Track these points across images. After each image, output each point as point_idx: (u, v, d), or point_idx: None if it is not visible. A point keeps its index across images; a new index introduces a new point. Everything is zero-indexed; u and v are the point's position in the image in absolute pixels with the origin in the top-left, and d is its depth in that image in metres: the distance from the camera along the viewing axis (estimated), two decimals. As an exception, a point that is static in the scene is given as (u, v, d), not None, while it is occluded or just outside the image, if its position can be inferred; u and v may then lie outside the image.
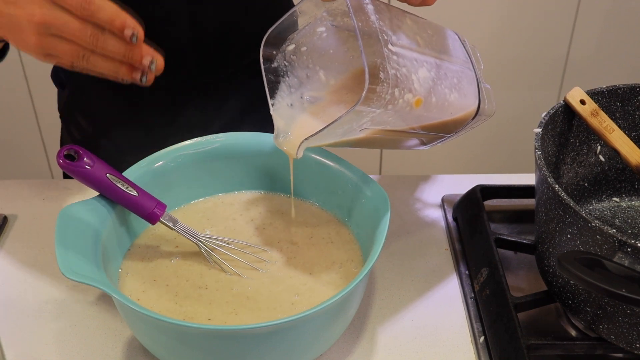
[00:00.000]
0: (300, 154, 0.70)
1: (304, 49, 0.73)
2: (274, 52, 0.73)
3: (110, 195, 0.73)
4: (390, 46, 0.63)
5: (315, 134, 0.65)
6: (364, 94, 0.60)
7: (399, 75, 0.63)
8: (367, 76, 0.60)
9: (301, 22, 0.72)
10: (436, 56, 0.69)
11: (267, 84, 0.73)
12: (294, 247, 0.78)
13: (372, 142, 0.72)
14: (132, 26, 0.64)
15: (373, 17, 0.63)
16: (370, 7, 0.63)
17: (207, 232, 0.80)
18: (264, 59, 0.72)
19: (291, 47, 0.73)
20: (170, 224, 0.74)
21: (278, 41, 0.72)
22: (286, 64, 0.74)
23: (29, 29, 0.65)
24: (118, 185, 0.72)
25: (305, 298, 0.72)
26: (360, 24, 0.61)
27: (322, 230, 0.80)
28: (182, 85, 0.96)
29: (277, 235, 0.79)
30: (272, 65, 0.73)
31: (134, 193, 0.73)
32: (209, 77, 0.96)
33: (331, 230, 0.80)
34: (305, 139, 0.68)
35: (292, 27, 0.72)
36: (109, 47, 0.65)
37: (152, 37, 0.88)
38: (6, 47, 0.79)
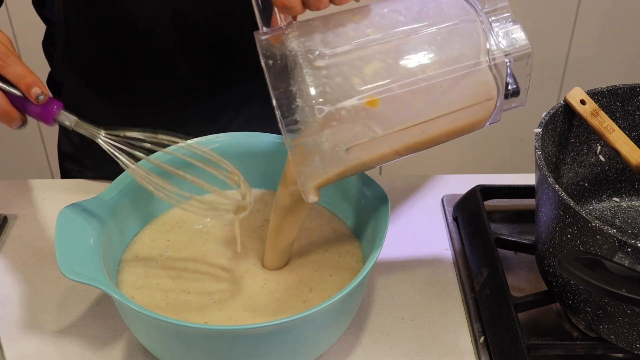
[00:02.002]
0: (314, 198, 0.67)
1: None
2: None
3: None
4: (318, 62, 0.62)
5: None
6: (283, 130, 0.62)
7: (328, 90, 0.61)
8: (278, 116, 0.61)
9: None
10: (401, 35, 0.64)
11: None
12: (294, 246, 0.78)
13: (391, 155, 0.67)
14: (42, 88, 0.66)
15: (294, 44, 0.62)
16: (292, 35, 0.63)
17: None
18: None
19: None
20: (67, 123, 0.69)
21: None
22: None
23: None
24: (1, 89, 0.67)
25: (306, 297, 0.72)
26: (271, 63, 0.62)
27: (323, 229, 0.80)
28: (174, 90, 0.95)
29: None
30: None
31: (17, 92, 0.67)
32: (201, 81, 0.96)
33: (332, 228, 0.80)
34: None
35: None
36: None
37: (140, 42, 0.88)
38: None
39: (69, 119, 0.69)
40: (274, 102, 0.61)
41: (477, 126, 0.69)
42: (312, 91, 0.61)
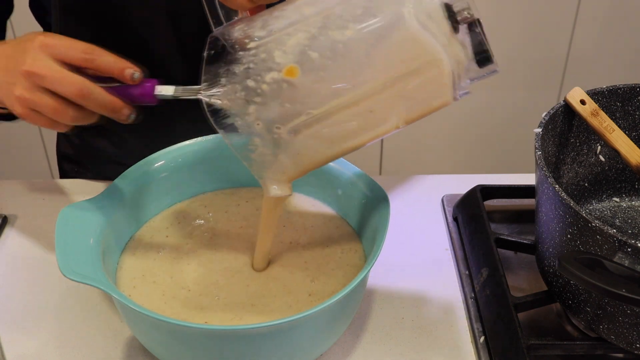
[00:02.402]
0: (276, 191, 0.68)
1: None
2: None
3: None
4: (250, 44, 0.62)
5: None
6: (204, 101, 0.63)
7: (251, 66, 0.61)
8: (205, 108, 0.63)
9: None
10: (331, 6, 0.62)
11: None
12: (295, 244, 0.78)
13: (344, 138, 0.65)
14: (133, 67, 0.66)
15: (236, 34, 0.63)
16: (238, 27, 0.64)
17: (210, 215, 0.80)
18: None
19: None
20: (168, 94, 0.69)
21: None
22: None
23: (17, 79, 0.65)
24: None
25: (307, 297, 0.72)
26: (211, 53, 0.64)
27: (326, 226, 0.80)
28: None
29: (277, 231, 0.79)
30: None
31: (113, 83, 0.68)
32: (196, 83, 0.95)
33: (335, 225, 0.80)
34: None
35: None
36: (94, 97, 0.66)
37: (135, 44, 0.88)
38: None
39: (166, 90, 0.69)
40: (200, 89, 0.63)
41: (438, 99, 0.63)
42: (236, 69, 0.62)
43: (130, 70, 0.66)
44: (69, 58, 0.66)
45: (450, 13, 0.60)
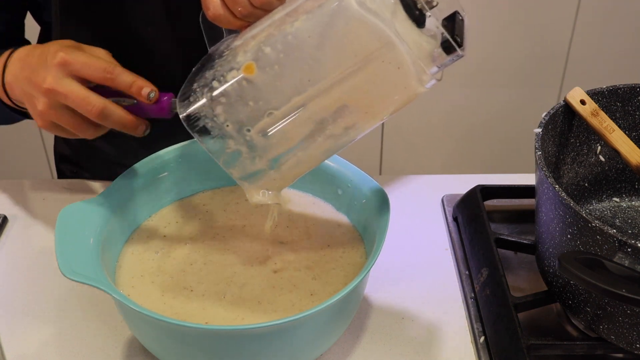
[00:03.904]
0: (258, 198, 0.69)
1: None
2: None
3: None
4: (225, 52, 0.64)
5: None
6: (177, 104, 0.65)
7: (218, 69, 0.63)
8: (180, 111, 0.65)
9: None
10: (295, 6, 0.63)
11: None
12: (296, 243, 0.78)
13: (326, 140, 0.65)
14: (150, 86, 0.69)
15: (222, 46, 0.66)
16: (227, 41, 0.66)
17: (209, 213, 0.80)
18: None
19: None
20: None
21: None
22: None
23: (38, 94, 0.68)
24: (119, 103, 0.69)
25: (309, 296, 0.72)
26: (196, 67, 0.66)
27: (328, 223, 0.80)
28: (168, 91, 0.95)
29: (278, 229, 0.79)
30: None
31: (131, 101, 0.70)
32: None
33: (336, 224, 0.80)
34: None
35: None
36: (113, 118, 0.68)
37: (134, 43, 0.88)
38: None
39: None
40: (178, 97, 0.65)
41: (403, 86, 0.62)
42: (207, 74, 0.64)
43: (147, 90, 0.68)
44: (89, 76, 0.68)
45: (407, 2, 0.60)
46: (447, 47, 0.61)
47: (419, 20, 0.60)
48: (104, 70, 0.68)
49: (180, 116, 0.65)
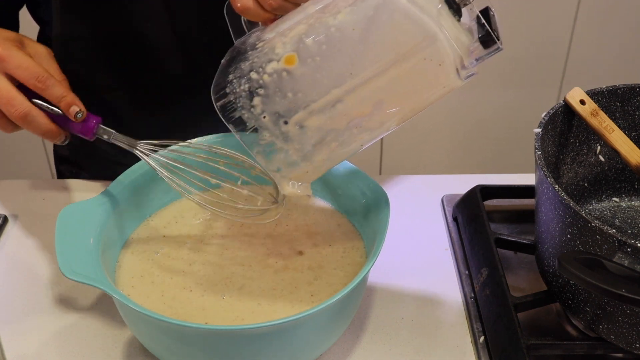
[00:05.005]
0: (289, 189, 0.69)
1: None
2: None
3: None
4: (258, 44, 0.64)
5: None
6: (218, 110, 0.65)
7: (255, 60, 0.63)
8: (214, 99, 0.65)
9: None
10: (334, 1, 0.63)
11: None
12: (297, 243, 0.78)
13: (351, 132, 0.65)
14: (79, 106, 0.70)
15: (251, 39, 0.66)
16: (254, 34, 0.67)
17: (209, 213, 0.80)
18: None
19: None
20: (105, 137, 0.72)
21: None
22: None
23: None
24: (44, 109, 0.70)
25: (309, 297, 0.72)
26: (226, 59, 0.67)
27: (328, 223, 0.80)
28: (168, 87, 0.95)
29: (278, 229, 0.79)
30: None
31: (58, 111, 0.71)
32: (195, 78, 0.95)
33: (336, 223, 0.80)
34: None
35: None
36: (35, 125, 0.70)
37: (134, 40, 0.88)
38: None
39: (107, 133, 0.73)
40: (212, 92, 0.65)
41: (441, 79, 0.62)
42: (243, 65, 0.64)
43: (75, 108, 0.70)
44: (21, 79, 0.68)
45: None
46: (486, 41, 0.61)
47: (458, 12, 0.61)
48: (36, 79, 0.68)
49: (216, 106, 0.65)
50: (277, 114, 0.64)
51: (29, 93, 0.70)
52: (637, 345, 0.68)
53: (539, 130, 0.74)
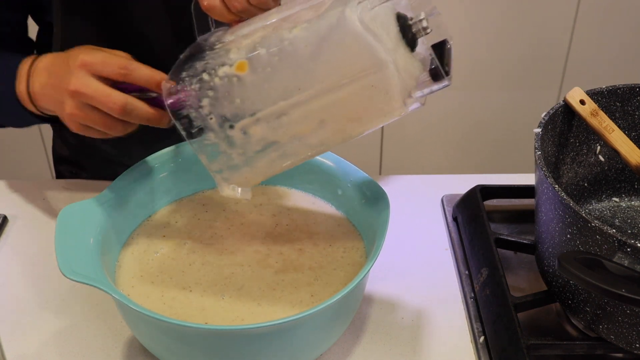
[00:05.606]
0: (228, 192, 0.69)
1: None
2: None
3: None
4: (216, 46, 0.65)
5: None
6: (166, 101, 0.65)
7: (210, 61, 0.64)
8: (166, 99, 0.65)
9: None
10: (294, 10, 0.64)
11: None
12: (298, 243, 0.78)
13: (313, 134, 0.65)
14: (170, 82, 0.68)
15: (212, 39, 0.66)
16: (215, 35, 0.67)
17: (208, 213, 0.80)
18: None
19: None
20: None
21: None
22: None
23: (65, 98, 0.69)
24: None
25: (309, 297, 0.72)
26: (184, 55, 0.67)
27: (328, 222, 0.80)
28: None
29: (278, 229, 0.79)
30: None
31: (152, 94, 0.70)
32: None
33: (336, 223, 0.80)
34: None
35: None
36: (136, 113, 0.69)
37: (136, 42, 0.88)
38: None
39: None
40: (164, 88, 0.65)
41: (385, 107, 0.62)
42: (197, 65, 0.65)
43: (166, 85, 0.68)
44: (107, 74, 0.68)
45: (404, 25, 0.61)
46: (436, 75, 0.61)
47: (412, 44, 0.61)
48: (119, 67, 0.68)
49: (166, 102, 0.66)
50: (224, 118, 0.65)
51: (126, 91, 0.70)
52: (637, 345, 0.68)
53: (539, 130, 0.74)
